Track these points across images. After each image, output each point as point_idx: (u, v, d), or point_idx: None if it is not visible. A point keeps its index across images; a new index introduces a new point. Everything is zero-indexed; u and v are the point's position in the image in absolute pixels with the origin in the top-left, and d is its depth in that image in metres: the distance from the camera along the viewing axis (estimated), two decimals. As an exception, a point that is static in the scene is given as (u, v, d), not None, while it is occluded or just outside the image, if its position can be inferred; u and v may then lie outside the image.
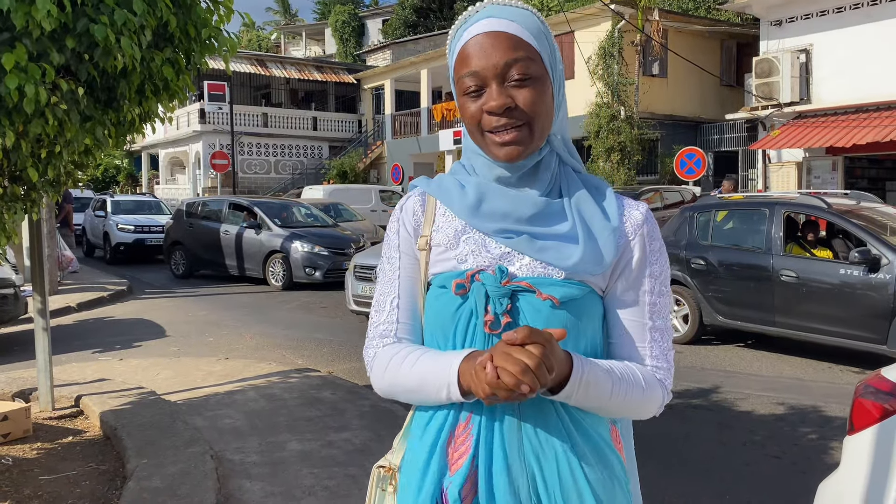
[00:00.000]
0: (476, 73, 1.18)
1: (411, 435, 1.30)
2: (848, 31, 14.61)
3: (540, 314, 1.18)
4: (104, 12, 3.02)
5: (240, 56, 28.32)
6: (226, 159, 22.26)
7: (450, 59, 1.26)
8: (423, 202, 1.33)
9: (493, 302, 1.18)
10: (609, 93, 18.65)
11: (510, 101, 1.17)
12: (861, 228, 6.75)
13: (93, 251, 18.38)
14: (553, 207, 1.24)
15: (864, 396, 2.40)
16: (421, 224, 1.31)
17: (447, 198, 1.28)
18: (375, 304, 1.35)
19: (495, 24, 1.19)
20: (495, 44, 1.17)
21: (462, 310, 1.21)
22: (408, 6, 38.62)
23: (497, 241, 1.23)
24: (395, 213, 1.35)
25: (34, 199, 3.90)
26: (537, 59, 1.19)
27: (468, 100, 1.21)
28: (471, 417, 1.20)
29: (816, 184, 15.17)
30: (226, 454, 4.28)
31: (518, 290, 1.19)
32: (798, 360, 7.10)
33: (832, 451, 4.54)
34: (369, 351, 1.32)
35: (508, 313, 1.18)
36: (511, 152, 1.19)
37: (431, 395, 1.20)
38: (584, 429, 1.20)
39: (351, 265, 8.68)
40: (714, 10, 22.75)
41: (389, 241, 1.35)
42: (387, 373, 1.27)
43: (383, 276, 1.34)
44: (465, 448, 1.19)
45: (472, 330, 1.21)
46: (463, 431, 1.20)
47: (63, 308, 9.97)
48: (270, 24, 55.80)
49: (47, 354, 5.09)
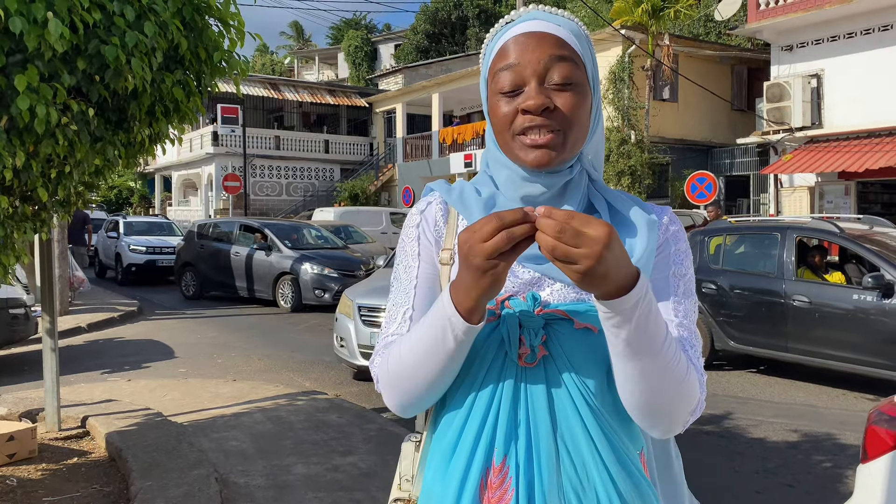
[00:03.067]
0: (515, 66, 1.09)
1: (429, 470, 1.17)
2: (859, 56, 14.61)
3: (578, 343, 1.10)
4: (115, 34, 3.05)
5: (253, 80, 28.64)
6: (238, 181, 22.40)
7: (484, 61, 1.17)
8: (444, 212, 1.22)
9: (527, 332, 1.09)
10: (619, 117, 18.70)
11: (549, 101, 1.07)
12: (874, 253, 6.68)
13: (105, 272, 18.46)
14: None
15: (878, 424, 2.35)
16: (443, 235, 1.21)
17: (469, 214, 1.16)
18: (387, 315, 1.23)
19: (540, 26, 1.11)
20: (540, 42, 1.09)
21: (491, 339, 1.11)
22: (420, 31, 39.02)
23: (524, 266, 1.14)
24: (412, 218, 1.24)
25: (44, 219, 3.91)
26: (581, 66, 1.11)
27: (502, 99, 1.10)
28: (506, 459, 1.08)
29: (829, 208, 15.08)
30: (231, 477, 4.25)
31: (553, 319, 1.10)
32: (811, 386, 7.00)
33: (846, 479, 4.45)
34: (375, 360, 1.21)
35: (544, 345, 1.09)
36: (541, 157, 1.08)
37: (437, 350, 1.06)
38: (623, 460, 1.11)
39: (352, 306, 6.90)
40: (725, 35, 22.83)
41: (407, 248, 1.23)
42: (389, 366, 1.14)
43: (398, 284, 1.22)
44: (504, 497, 1.08)
45: (501, 360, 1.11)
46: (498, 476, 1.09)
47: (73, 328, 9.99)
48: (284, 48, 56.60)
49: (55, 375, 5.08)
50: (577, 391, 1.10)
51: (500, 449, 1.09)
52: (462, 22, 38.65)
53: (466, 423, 1.12)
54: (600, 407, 1.10)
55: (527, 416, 1.09)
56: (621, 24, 18.24)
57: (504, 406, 1.10)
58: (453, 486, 1.10)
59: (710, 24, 24.02)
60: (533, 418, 1.09)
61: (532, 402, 1.10)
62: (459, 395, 1.14)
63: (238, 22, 3.79)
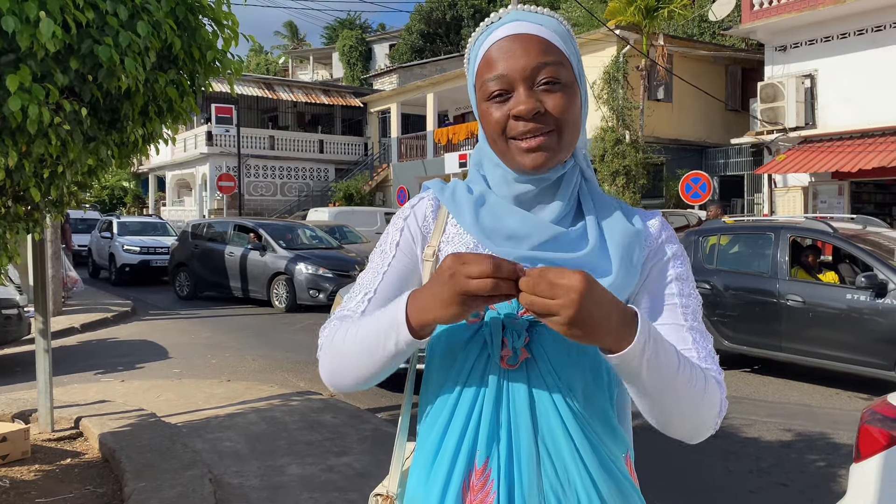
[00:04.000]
0: (503, 76, 1.09)
1: (413, 475, 1.17)
2: (853, 57, 14.67)
3: (562, 347, 1.09)
4: (108, 34, 3.04)
5: (247, 80, 28.58)
6: (232, 181, 22.37)
7: (470, 66, 1.17)
8: (435, 208, 1.23)
9: (510, 334, 1.09)
10: (614, 117, 18.72)
11: (539, 105, 1.08)
12: (868, 253, 6.70)
13: (98, 272, 18.36)
14: (571, 229, 1.15)
15: (871, 423, 2.36)
16: (431, 231, 1.21)
17: (459, 212, 1.18)
18: (352, 290, 1.24)
19: (523, 27, 1.11)
20: (525, 46, 1.09)
21: (474, 340, 1.11)
22: (414, 31, 39.02)
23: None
24: (401, 212, 1.25)
25: (37, 219, 3.90)
26: (567, 65, 1.12)
27: (492, 105, 1.11)
28: (488, 461, 1.08)
29: (822, 208, 15.13)
30: (225, 478, 4.24)
31: (536, 322, 1.09)
32: (805, 385, 7.02)
33: (840, 478, 4.46)
34: (325, 328, 1.20)
35: (527, 347, 1.09)
36: (537, 159, 1.10)
37: (377, 349, 1.07)
38: (605, 463, 1.10)
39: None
40: (719, 35, 22.88)
41: (388, 236, 1.23)
42: (334, 342, 1.15)
43: (370, 266, 1.23)
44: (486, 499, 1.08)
45: (484, 362, 1.10)
46: (480, 479, 1.08)
47: (67, 329, 9.95)
48: (279, 48, 56.42)
49: (48, 375, 5.06)
50: (558, 394, 1.09)
51: (483, 451, 1.09)
52: (457, 22, 38.64)
53: (449, 425, 1.12)
54: (583, 410, 1.10)
55: (508, 418, 1.09)
56: (616, 24, 18.27)
57: (486, 408, 1.10)
58: (436, 489, 1.10)
59: (705, 25, 24.08)
60: (514, 420, 1.09)
61: (514, 404, 1.10)
62: (442, 397, 1.14)
63: (232, 21, 3.78)
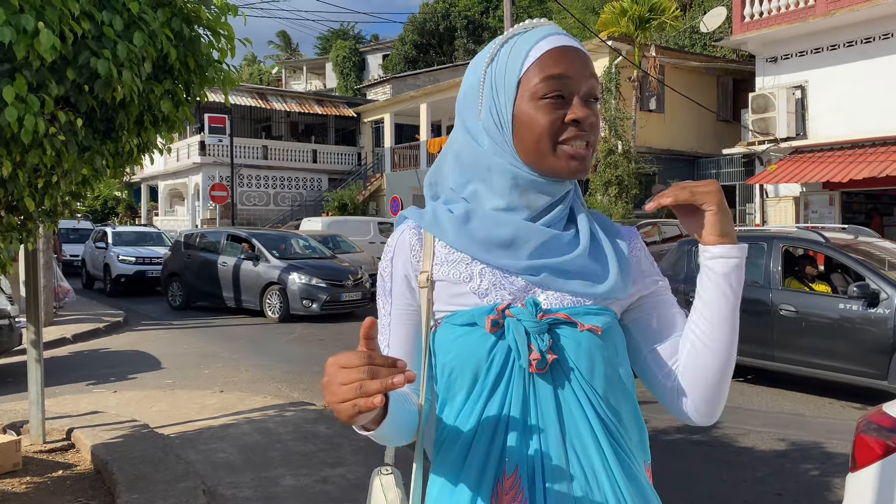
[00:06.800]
0: (568, 77, 1.11)
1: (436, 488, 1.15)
2: (843, 68, 14.78)
3: (581, 347, 1.11)
4: (106, 45, 3.04)
5: (241, 89, 28.56)
6: (225, 191, 22.32)
7: (511, 63, 1.13)
8: (419, 235, 1.21)
9: (535, 339, 1.09)
10: (606, 127, 18.79)
11: (592, 115, 1.13)
12: (860, 263, 6.74)
13: (93, 283, 18.18)
14: (565, 232, 1.17)
15: (866, 433, 2.37)
16: (420, 259, 1.19)
17: (444, 233, 1.17)
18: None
19: (572, 41, 1.14)
20: (583, 59, 1.14)
21: (498, 348, 1.11)
22: (408, 42, 39.14)
23: (518, 276, 1.14)
24: (387, 251, 1.24)
25: (30, 229, 3.89)
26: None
27: (546, 105, 1.11)
28: (517, 469, 1.08)
29: (814, 218, 15.20)
30: (218, 489, 4.21)
31: (555, 324, 1.11)
32: (799, 395, 7.04)
33: (835, 488, 4.47)
34: None
35: (552, 349, 1.10)
36: (578, 167, 1.13)
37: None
38: (629, 467, 1.12)
39: None
40: (710, 46, 23.03)
41: (382, 283, 1.24)
42: None
43: (378, 318, 1.22)
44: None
45: (510, 369, 1.11)
46: (511, 487, 1.08)
47: (58, 339, 9.90)
48: (272, 57, 56.54)
49: (40, 386, 5.03)
50: (584, 396, 1.11)
51: (512, 458, 1.09)
52: (450, 33, 38.80)
53: (476, 435, 1.11)
54: (608, 413, 1.12)
55: (536, 423, 1.10)
56: (608, 35, 18.36)
57: (514, 415, 1.10)
58: (465, 499, 1.10)
59: (696, 36, 24.22)
60: (543, 425, 1.10)
61: (541, 408, 1.10)
62: (466, 410, 1.13)
63: (228, 32, 3.78)
